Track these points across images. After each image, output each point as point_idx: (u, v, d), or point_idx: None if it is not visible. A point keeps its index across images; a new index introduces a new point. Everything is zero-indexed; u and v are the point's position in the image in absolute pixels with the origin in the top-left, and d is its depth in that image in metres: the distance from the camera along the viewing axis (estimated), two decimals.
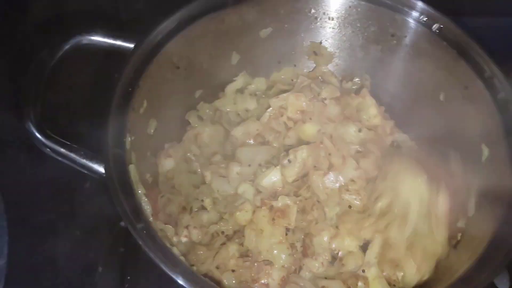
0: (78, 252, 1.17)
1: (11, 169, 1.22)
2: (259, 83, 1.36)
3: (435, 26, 1.15)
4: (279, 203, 1.08)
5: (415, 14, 1.16)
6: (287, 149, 1.19)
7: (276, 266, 1.02)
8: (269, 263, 1.02)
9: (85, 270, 1.16)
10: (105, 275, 1.17)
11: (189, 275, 0.80)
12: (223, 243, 1.05)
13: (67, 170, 0.96)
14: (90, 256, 1.18)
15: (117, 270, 1.17)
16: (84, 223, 1.20)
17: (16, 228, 1.15)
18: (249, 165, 1.16)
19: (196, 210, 1.12)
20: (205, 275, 1.01)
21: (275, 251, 1.03)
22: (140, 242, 0.81)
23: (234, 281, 1.00)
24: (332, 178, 1.16)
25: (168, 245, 0.85)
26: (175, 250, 0.88)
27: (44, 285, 1.13)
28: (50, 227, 1.18)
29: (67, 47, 0.99)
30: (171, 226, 1.07)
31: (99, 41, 1.03)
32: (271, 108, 1.27)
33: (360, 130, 1.25)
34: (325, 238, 1.09)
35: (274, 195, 1.11)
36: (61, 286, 1.13)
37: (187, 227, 1.08)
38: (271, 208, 1.07)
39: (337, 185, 1.16)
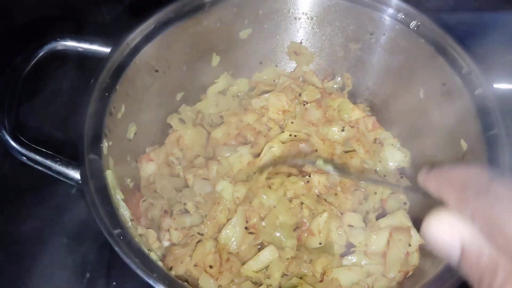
0: (65, 258, 1.17)
1: None
2: (241, 84, 1.36)
3: (412, 24, 1.15)
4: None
5: (392, 12, 1.17)
6: None
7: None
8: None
9: (73, 276, 1.16)
10: (93, 281, 1.17)
11: (166, 280, 0.79)
12: (199, 241, 1.06)
13: (53, 177, 0.95)
14: (78, 262, 1.17)
15: (104, 276, 1.17)
16: (71, 229, 1.20)
17: (2, 237, 1.15)
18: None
19: (178, 212, 1.12)
20: (184, 275, 1.02)
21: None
22: (116, 248, 0.81)
23: (211, 281, 1.00)
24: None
25: (146, 250, 0.84)
26: (153, 255, 0.87)
27: None
28: (37, 234, 1.17)
29: (42, 53, 0.98)
30: (153, 231, 1.07)
31: (75, 46, 1.02)
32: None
33: (343, 130, 1.26)
34: None
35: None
36: None
37: (168, 229, 1.07)
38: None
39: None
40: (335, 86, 1.36)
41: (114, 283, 1.16)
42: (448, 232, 0.52)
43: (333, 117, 1.28)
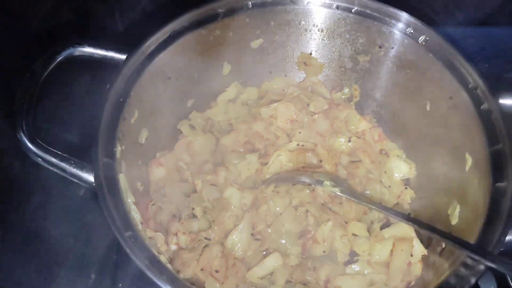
0: (71, 259, 1.18)
1: (5, 176, 1.23)
2: (250, 93, 1.38)
3: (421, 38, 1.17)
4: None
5: (401, 26, 1.19)
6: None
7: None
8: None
9: (78, 277, 1.17)
10: (98, 282, 1.19)
11: (175, 282, 0.81)
12: (206, 245, 1.08)
13: (61, 178, 0.97)
14: (83, 263, 1.19)
15: (110, 277, 1.18)
16: (78, 230, 1.21)
17: (9, 235, 1.16)
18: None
19: (186, 217, 1.14)
20: (191, 279, 1.04)
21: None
22: (127, 250, 0.83)
23: (217, 285, 1.02)
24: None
25: (156, 253, 0.86)
26: (162, 258, 0.89)
27: None
28: (44, 234, 1.18)
29: (60, 58, 1.01)
30: (161, 234, 1.09)
31: (91, 52, 1.05)
32: None
33: (349, 140, 1.28)
34: None
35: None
36: None
37: (176, 233, 1.09)
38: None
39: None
40: (343, 97, 1.38)
41: (120, 285, 1.17)
42: None
43: (340, 128, 1.30)
